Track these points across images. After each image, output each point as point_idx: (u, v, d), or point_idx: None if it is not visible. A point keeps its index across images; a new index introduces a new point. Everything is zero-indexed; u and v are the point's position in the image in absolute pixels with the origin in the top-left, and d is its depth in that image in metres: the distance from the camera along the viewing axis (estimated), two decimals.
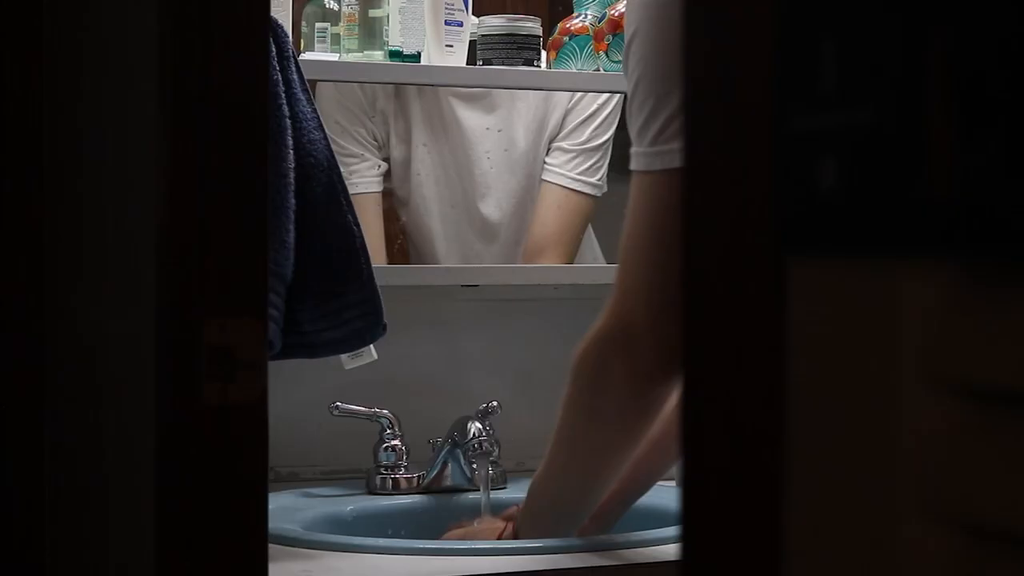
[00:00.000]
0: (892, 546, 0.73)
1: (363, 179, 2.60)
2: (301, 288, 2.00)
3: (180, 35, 1.45)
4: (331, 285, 2.04)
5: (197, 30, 1.45)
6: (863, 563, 0.75)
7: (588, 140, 2.65)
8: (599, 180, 2.66)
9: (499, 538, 2.02)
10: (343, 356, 2.18)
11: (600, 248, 2.76)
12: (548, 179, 2.66)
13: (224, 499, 1.46)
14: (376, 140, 2.63)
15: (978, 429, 0.69)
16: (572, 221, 2.67)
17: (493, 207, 2.66)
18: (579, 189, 2.65)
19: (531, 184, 2.67)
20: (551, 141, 2.66)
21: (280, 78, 1.96)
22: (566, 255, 2.66)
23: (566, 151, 2.65)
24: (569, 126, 2.66)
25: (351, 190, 2.46)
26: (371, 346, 2.16)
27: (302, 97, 1.99)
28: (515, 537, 2.00)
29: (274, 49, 1.94)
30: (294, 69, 2.00)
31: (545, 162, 2.66)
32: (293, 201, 1.95)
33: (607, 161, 2.67)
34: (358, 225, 2.05)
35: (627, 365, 1.78)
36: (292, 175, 1.96)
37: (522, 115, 2.65)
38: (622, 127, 2.67)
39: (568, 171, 2.64)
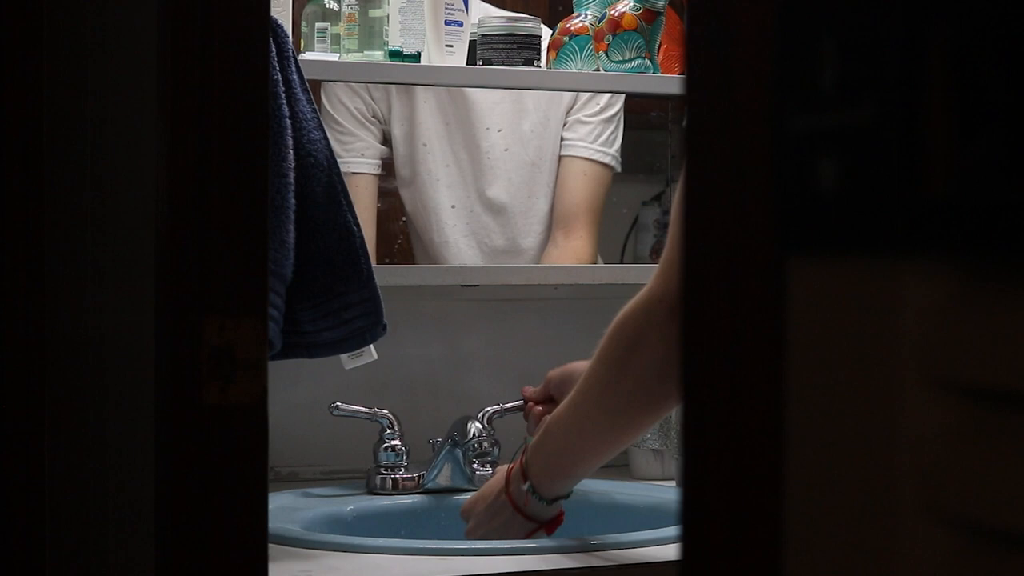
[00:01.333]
0: (892, 546, 0.73)
1: (359, 159, 2.61)
2: (301, 288, 2.00)
3: (180, 35, 1.45)
4: (331, 285, 2.04)
5: (197, 30, 1.45)
6: (863, 563, 0.75)
7: (603, 110, 2.69)
8: (616, 151, 2.70)
9: (508, 474, 1.97)
10: (343, 356, 2.18)
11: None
12: (570, 153, 2.70)
13: (224, 499, 1.46)
14: (376, 117, 2.64)
15: (978, 429, 0.69)
16: (598, 191, 2.70)
17: (503, 179, 2.68)
18: (601, 160, 2.69)
19: (540, 158, 2.69)
20: (567, 113, 2.69)
21: (280, 78, 1.96)
22: (596, 223, 2.70)
23: (584, 123, 2.69)
24: (584, 96, 2.68)
25: (345, 168, 2.47)
26: (371, 346, 2.16)
27: (302, 97, 1.99)
28: (523, 469, 1.95)
29: (274, 49, 1.94)
30: (294, 69, 2.00)
31: (564, 137, 2.69)
32: (293, 201, 1.95)
33: (620, 134, 2.70)
34: (358, 225, 2.05)
35: (664, 334, 1.76)
36: (292, 175, 1.96)
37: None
38: (630, 111, 2.72)
39: (589, 143, 2.69)
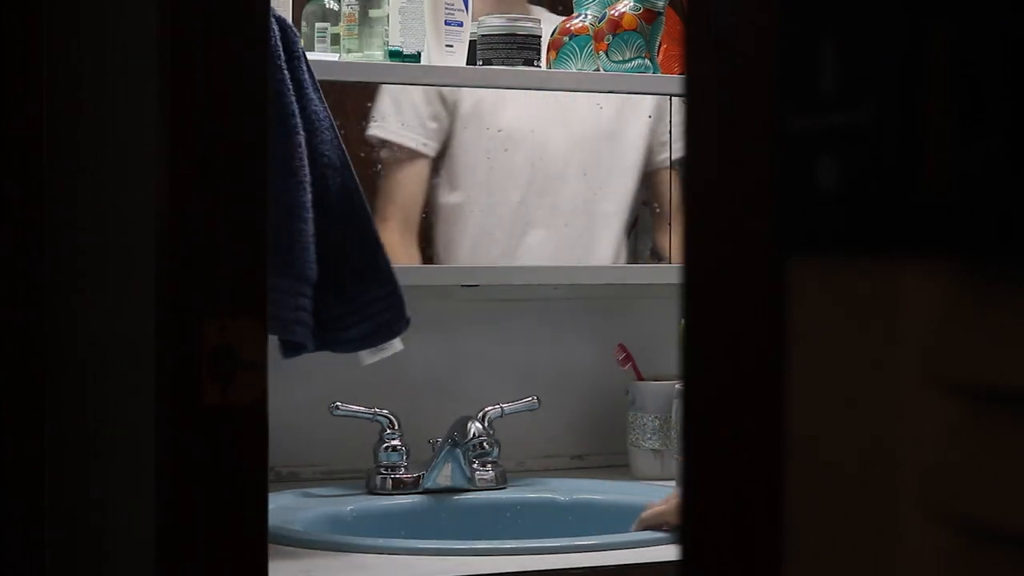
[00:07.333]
0: (892, 546, 0.73)
1: (416, 136, 2.57)
2: (325, 286, 2.01)
3: (180, 35, 1.45)
4: (355, 281, 2.04)
5: (197, 30, 1.45)
6: (863, 563, 0.75)
7: None
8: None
9: None
10: (362, 352, 2.16)
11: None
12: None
13: (224, 499, 1.46)
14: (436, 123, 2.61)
15: (978, 429, 0.69)
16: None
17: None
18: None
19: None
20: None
21: (288, 77, 1.95)
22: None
23: None
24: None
25: (403, 142, 2.45)
26: (396, 339, 2.15)
27: (313, 96, 1.99)
28: None
29: (282, 48, 1.93)
30: (304, 69, 1.99)
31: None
32: (308, 199, 1.95)
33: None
34: (373, 222, 2.06)
35: None
36: (305, 174, 1.95)
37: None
38: None
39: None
